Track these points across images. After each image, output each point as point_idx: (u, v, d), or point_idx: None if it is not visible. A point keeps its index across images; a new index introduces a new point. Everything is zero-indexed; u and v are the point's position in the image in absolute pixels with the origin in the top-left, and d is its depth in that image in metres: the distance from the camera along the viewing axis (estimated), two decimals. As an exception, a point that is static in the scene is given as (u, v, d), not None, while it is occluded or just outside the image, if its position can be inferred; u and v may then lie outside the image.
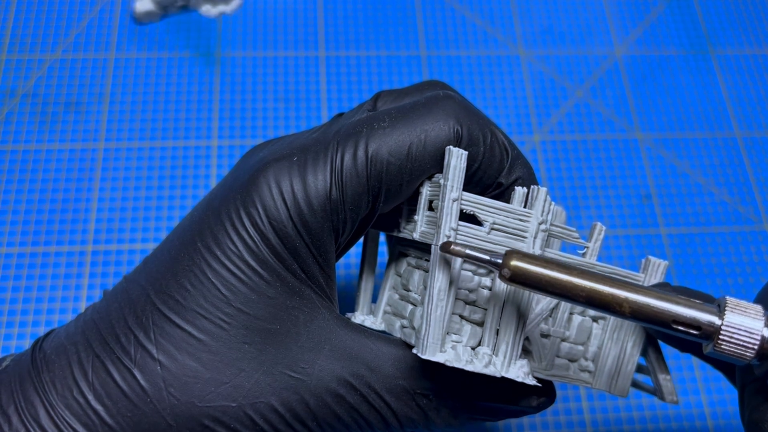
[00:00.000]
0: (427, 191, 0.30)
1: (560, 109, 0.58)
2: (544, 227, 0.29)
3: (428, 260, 0.31)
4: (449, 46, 0.59)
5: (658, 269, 0.32)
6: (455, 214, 0.28)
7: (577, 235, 0.31)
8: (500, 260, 0.26)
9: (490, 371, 0.28)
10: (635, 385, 0.35)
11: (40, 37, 0.56)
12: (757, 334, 0.25)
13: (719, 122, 0.58)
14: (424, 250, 0.32)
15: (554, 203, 0.30)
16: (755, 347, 0.25)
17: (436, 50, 0.59)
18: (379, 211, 0.31)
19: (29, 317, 0.47)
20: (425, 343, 0.28)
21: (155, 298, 0.29)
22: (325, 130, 0.31)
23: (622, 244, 0.53)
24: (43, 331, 0.46)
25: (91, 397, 0.28)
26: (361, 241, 0.37)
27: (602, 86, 0.59)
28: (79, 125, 0.53)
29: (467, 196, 0.29)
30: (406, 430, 0.31)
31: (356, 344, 0.30)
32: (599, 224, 0.32)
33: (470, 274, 0.29)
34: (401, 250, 0.34)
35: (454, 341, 0.29)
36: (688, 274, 0.52)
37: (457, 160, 0.28)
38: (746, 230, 0.54)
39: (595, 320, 0.33)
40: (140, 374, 0.28)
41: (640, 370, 0.34)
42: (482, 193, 0.31)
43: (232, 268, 0.29)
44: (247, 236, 0.29)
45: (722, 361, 0.32)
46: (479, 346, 0.30)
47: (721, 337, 0.25)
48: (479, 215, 0.29)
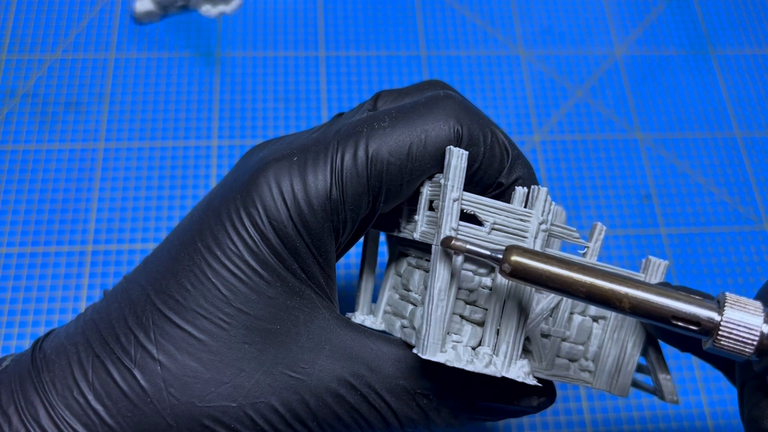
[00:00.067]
0: (427, 191, 0.30)
1: (560, 109, 0.58)
2: (544, 227, 0.29)
3: (428, 260, 0.31)
4: (449, 46, 0.59)
5: (658, 269, 0.32)
6: (456, 214, 0.28)
7: (577, 235, 0.31)
8: (501, 255, 0.26)
9: (490, 371, 0.28)
10: (635, 384, 0.35)
11: (40, 37, 0.56)
12: (756, 330, 0.25)
13: (719, 122, 0.58)
14: (424, 250, 0.32)
15: (554, 203, 0.30)
16: (754, 343, 0.25)
17: (436, 50, 0.59)
18: (379, 211, 0.30)
19: (29, 317, 0.46)
20: (426, 343, 0.28)
21: (155, 298, 0.29)
22: (325, 130, 0.31)
23: (622, 244, 0.53)
24: (43, 331, 0.46)
25: (91, 397, 0.28)
26: (361, 241, 0.37)
27: (602, 86, 0.59)
28: (79, 125, 0.53)
29: (468, 196, 0.29)
30: (406, 430, 0.31)
31: (356, 344, 0.30)
32: (599, 224, 0.32)
33: (471, 274, 0.29)
34: (401, 250, 0.34)
35: (454, 341, 0.29)
36: (688, 274, 0.52)
37: (457, 160, 0.28)
38: (746, 230, 0.54)
39: (595, 320, 0.33)
40: (140, 374, 0.28)
41: (640, 369, 0.34)
42: (483, 193, 0.31)
43: (232, 268, 0.29)
44: (247, 236, 0.29)
45: (722, 359, 0.32)
46: (480, 346, 0.30)
47: (720, 333, 0.25)
48: (480, 215, 0.29)
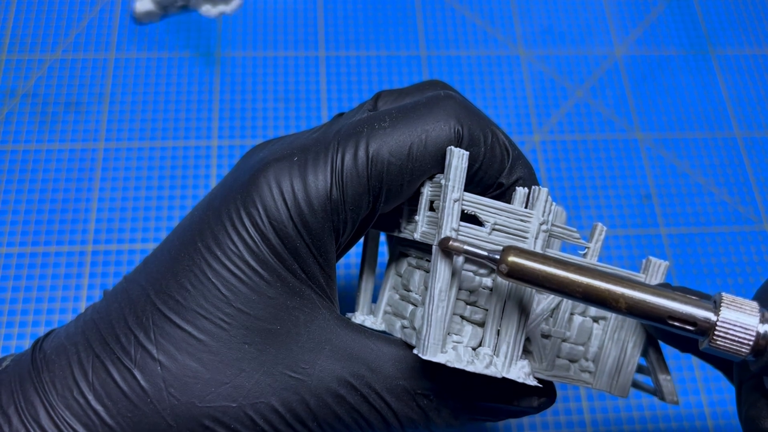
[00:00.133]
0: (428, 191, 0.30)
1: (560, 109, 0.58)
2: (545, 228, 0.29)
3: (429, 260, 0.31)
4: (449, 46, 0.59)
5: (658, 270, 0.32)
6: (456, 214, 0.28)
7: (578, 235, 0.31)
8: (498, 256, 0.26)
9: (490, 372, 0.28)
10: (635, 385, 0.35)
11: (40, 37, 0.56)
12: (752, 330, 0.25)
13: (719, 122, 0.58)
14: (424, 250, 0.32)
15: (555, 204, 0.30)
16: (750, 343, 0.25)
17: (436, 50, 0.59)
18: (379, 211, 0.30)
19: (29, 317, 0.46)
20: (426, 343, 0.28)
21: (155, 298, 0.29)
22: (325, 130, 0.31)
23: (622, 244, 0.53)
24: (43, 331, 0.46)
25: (91, 397, 0.28)
26: (361, 241, 0.37)
27: (602, 86, 0.59)
28: (79, 125, 0.53)
29: (468, 196, 0.29)
30: (406, 430, 0.31)
31: (357, 344, 0.30)
32: (600, 225, 0.32)
33: (471, 274, 0.29)
34: (402, 250, 0.34)
35: (454, 342, 0.29)
36: (688, 274, 0.52)
37: (458, 160, 0.28)
38: (746, 230, 0.54)
39: (595, 321, 0.33)
40: (140, 374, 0.28)
41: (640, 370, 0.34)
42: (483, 193, 0.31)
43: (232, 268, 0.29)
44: (247, 236, 0.29)
45: (721, 360, 0.32)
46: (480, 346, 0.30)
47: (716, 333, 0.25)
48: (480, 216, 0.29)
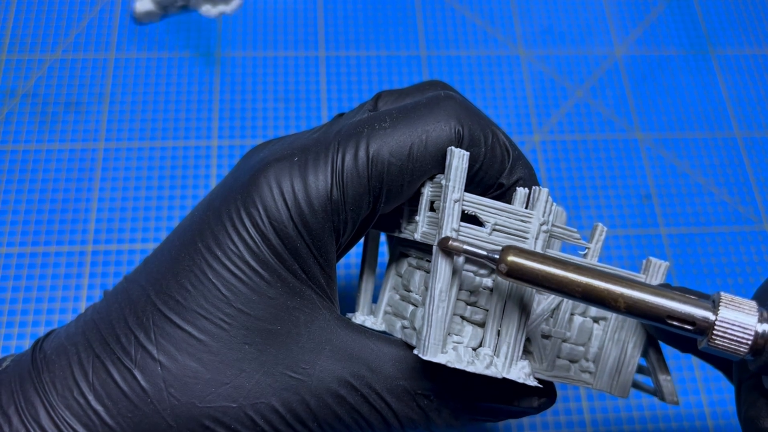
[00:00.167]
0: (428, 192, 0.30)
1: (560, 109, 0.58)
2: (545, 228, 0.29)
3: (429, 261, 0.31)
4: (449, 46, 0.59)
5: (659, 270, 0.32)
6: (457, 214, 0.28)
7: (578, 236, 0.31)
8: (497, 256, 0.26)
9: (491, 372, 0.28)
10: (636, 385, 0.35)
11: (40, 37, 0.56)
12: (750, 329, 0.25)
13: (719, 122, 0.58)
14: (425, 250, 0.32)
15: (555, 204, 0.30)
16: (749, 342, 0.25)
17: (436, 50, 0.59)
18: (380, 211, 0.30)
19: (29, 317, 0.46)
20: (426, 343, 0.28)
21: (156, 298, 0.29)
22: (325, 130, 0.31)
23: (622, 244, 0.53)
24: (43, 331, 0.46)
25: (91, 397, 0.28)
26: (361, 241, 0.37)
27: (602, 86, 0.59)
28: (79, 125, 0.53)
29: (469, 196, 0.28)
30: (407, 430, 0.31)
31: (357, 345, 0.30)
32: (600, 225, 0.32)
33: (471, 275, 0.29)
34: (402, 250, 0.34)
35: (455, 342, 0.29)
36: (688, 274, 0.52)
37: (458, 160, 0.28)
38: (746, 230, 0.54)
39: (596, 321, 0.33)
40: (141, 375, 0.28)
41: (640, 370, 0.34)
42: (483, 193, 0.31)
43: (232, 268, 0.29)
44: (247, 236, 0.29)
45: (720, 358, 0.32)
46: (480, 347, 0.30)
47: (715, 332, 0.25)
48: (481, 216, 0.29)
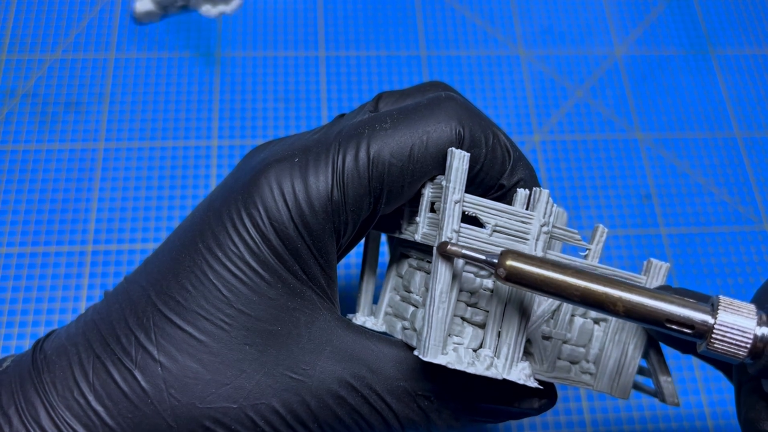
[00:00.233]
0: (429, 193, 0.30)
1: (560, 109, 0.58)
2: (546, 229, 0.29)
3: (430, 262, 0.31)
4: (449, 46, 0.59)
5: (659, 271, 0.32)
6: (457, 215, 0.28)
7: (578, 237, 0.31)
8: (496, 260, 0.26)
9: (491, 373, 0.28)
10: (636, 386, 0.35)
11: (40, 37, 0.56)
12: (749, 332, 0.25)
13: (719, 122, 0.58)
14: (425, 251, 0.32)
15: (556, 205, 0.30)
16: (747, 346, 0.25)
17: (436, 50, 0.59)
18: (380, 212, 0.30)
19: (29, 317, 0.46)
20: (427, 345, 0.28)
21: (156, 299, 0.29)
22: (326, 131, 0.31)
23: (622, 244, 0.53)
24: (43, 331, 0.46)
25: (91, 398, 0.28)
26: (362, 242, 0.37)
27: (602, 86, 0.59)
28: (79, 125, 0.53)
29: (469, 197, 0.28)
30: (407, 431, 0.31)
31: (357, 345, 0.30)
32: (601, 226, 0.32)
33: (472, 276, 0.29)
34: (402, 251, 0.34)
35: (455, 343, 0.29)
36: (688, 274, 0.52)
37: (459, 161, 0.28)
38: (746, 230, 0.54)
39: (596, 322, 0.33)
40: (141, 375, 0.28)
41: (641, 371, 0.34)
42: (484, 194, 0.31)
43: (233, 269, 0.29)
44: (248, 237, 0.29)
45: (722, 360, 0.32)
46: (481, 348, 0.30)
47: (713, 335, 0.25)
48: (481, 217, 0.29)
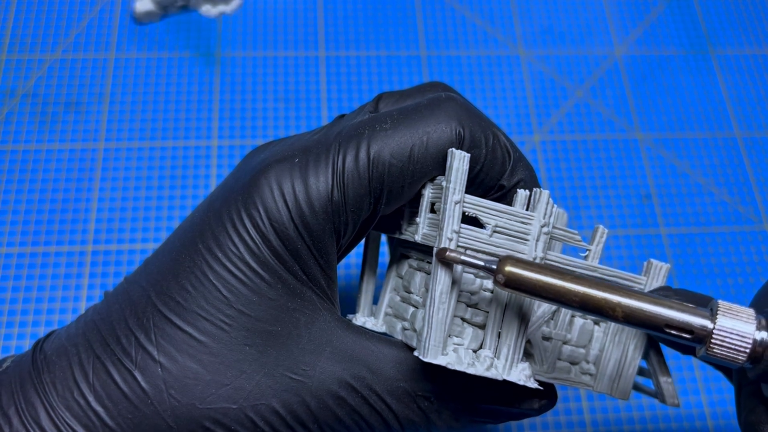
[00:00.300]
0: (429, 193, 0.30)
1: (560, 109, 0.58)
2: (546, 230, 0.29)
3: (430, 262, 0.31)
4: (449, 46, 0.59)
5: (660, 272, 0.32)
6: (457, 216, 0.28)
7: (579, 238, 0.31)
8: (495, 266, 0.26)
9: (491, 374, 0.28)
10: (636, 387, 0.35)
11: (40, 37, 0.56)
12: (748, 337, 0.25)
13: (719, 122, 0.58)
14: (425, 252, 0.32)
15: (556, 206, 0.30)
16: (747, 351, 0.25)
17: (436, 50, 0.59)
18: (380, 213, 0.30)
19: (29, 317, 0.46)
20: (427, 345, 0.28)
21: (156, 299, 0.29)
22: (326, 131, 0.31)
23: (622, 244, 0.53)
24: (43, 331, 0.46)
25: (91, 398, 0.28)
26: (362, 242, 0.37)
27: (602, 86, 0.59)
28: (79, 125, 0.53)
29: (469, 198, 0.28)
30: (407, 432, 0.31)
31: (357, 346, 0.30)
32: (601, 227, 0.32)
33: (472, 276, 0.29)
34: (403, 251, 0.34)
35: (455, 344, 0.29)
36: (688, 274, 0.52)
37: (459, 162, 0.28)
38: (746, 230, 0.54)
39: (596, 323, 0.33)
40: (141, 376, 0.28)
41: (641, 372, 0.34)
42: (484, 195, 0.31)
43: (233, 269, 0.29)
44: (248, 237, 0.29)
45: (719, 364, 0.32)
46: (481, 348, 0.30)
47: (713, 340, 0.25)
48: (481, 218, 0.29)
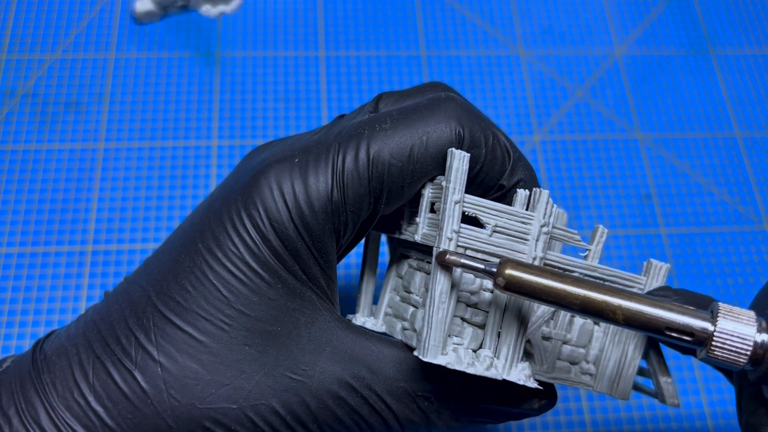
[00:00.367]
0: (429, 193, 0.30)
1: (560, 109, 0.58)
2: (546, 230, 0.29)
3: (430, 262, 0.31)
4: (449, 46, 0.59)
5: (659, 272, 0.32)
6: (457, 216, 0.28)
7: (578, 237, 0.31)
8: (495, 269, 0.26)
9: (491, 374, 0.28)
10: (636, 387, 0.35)
11: (40, 37, 0.56)
12: (749, 339, 0.25)
13: (719, 122, 0.58)
14: (425, 252, 0.32)
15: (556, 206, 0.30)
16: (748, 353, 0.25)
17: (436, 50, 0.59)
18: (380, 212, 0.30)
19: (29, 317, 0.46)
20: (426, 345, 0.28)
21: (156, 299, 0.29)
22: (326, 131, 0.31)
23: (622, 244, 0.53)
24: (43, 331, 0.46)
25: (91, 398, 0.28)
26: (362, 242, 0.37)
27: (602, 86, 0.59)
28: (79, 125, 0.53)
29: (469, 198, 0.28)
30: (407, 432, 0.31)
31: (357, 346, 0.30)
32: (601, 227, 0.32)
33: (472, 276, 0.29)
34: (402, 251, 0.34)
35: (455, 344, 0.29)
36: (688, 274, 0.52)
37: (459, 162, 0.28)
38: (746, 230, 0.54)
39: (596, 323, 0.33)
40: (141, 376, 0.28)
41: (641, 372, 0.34)
42: (484, 195, 0.31)
43: (232, 269, 0.29)
44: (248, 237, 0.29)
45: (719, 366, 0.32)
46: (480, 348, 0.30)
47: (714, 343, 0.25)
48: (481, 218, 0.29)
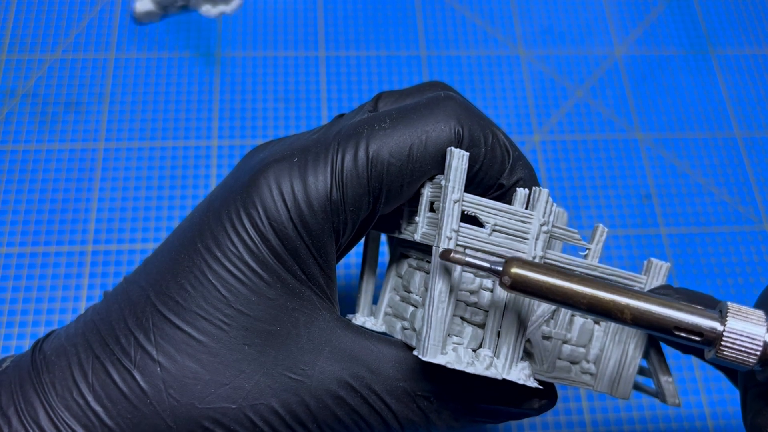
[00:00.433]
0: (428, 192, 0.30)
1: (560, 109, 0.58)
2: (545, 229, 0.29)
3: (429, 261, 0.31)
4: (449, 46, 0.59)
5: (660, 271, 0.32)
6: (457, 215, 0.28)
7: (578, 236, 0.31)
8: (500, 268, 0.26)
9: (491, 373, 0.28)
10: (637, 387, 0.35)
11: (40, 37, 0.56)
12: (759, 339, 0.25)
13: (719, 122, 0.58)
14: (425, 251, 0.32)
15: (555, 205, 0.30)
16: (758, 353, 0.25)
17: (436, 50, 0.59)
18: (379, 212, 0.30)
19: (29, 317, 0.46)
20: (426, 345, 0.28)
21: (155, 299, 0.29)
22: (325, 131, 0.31)
23: (622, 244, 0.53)
24: (43, 331, 0.46)
25: (90, 398, 0.28)
26: (361, 242, 0.37)
27: (602, 86, 0.59)
28: (79, 125, 0.53)
29: (468, 197, 0.28)
30: (406, 432, 0.31)
31: (357, 346, 0.30)
32: (601, 226, 0.32)
33: (471, 275, 0.29)
34: (402, 251, 0.34)
35: (455, 343, 0.29)
36: (688, 274, 0.52)
37: (458, 161, 0.28)
38: (746, 230, 0.54)
39: (597, 322, 0.33)
40: (140, 376, 0.28)
41: (641, 372, 0.34)
42: (483, 194, 0.31)
43: (232, 269, 0.29)
44: (247, 237, 0.29)
45: (728, 366, 0.32)
46: (480, 348, 0.29)
47: (723, 343, 0.25)
48: (481, 217, 0.29)
